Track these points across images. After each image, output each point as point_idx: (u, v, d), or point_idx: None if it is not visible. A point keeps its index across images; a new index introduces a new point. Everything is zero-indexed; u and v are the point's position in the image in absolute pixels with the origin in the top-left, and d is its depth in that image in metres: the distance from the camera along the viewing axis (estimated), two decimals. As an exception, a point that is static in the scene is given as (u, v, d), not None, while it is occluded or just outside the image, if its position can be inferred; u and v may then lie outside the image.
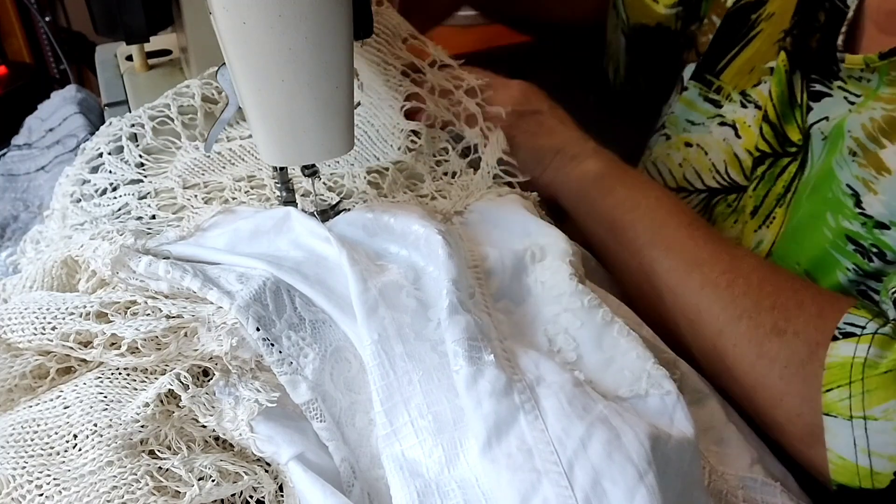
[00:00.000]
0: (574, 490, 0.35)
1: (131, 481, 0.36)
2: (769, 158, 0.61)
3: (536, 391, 0.39)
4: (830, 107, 0.56)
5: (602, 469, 0.35)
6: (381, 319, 0.41)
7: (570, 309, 0.45)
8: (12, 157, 0.83)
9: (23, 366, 0.41)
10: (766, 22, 0.66)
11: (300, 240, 0.47)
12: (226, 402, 0.40)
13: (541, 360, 0.41)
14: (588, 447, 0.36)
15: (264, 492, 0.38)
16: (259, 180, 0.60)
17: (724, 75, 0.69)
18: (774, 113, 0.61)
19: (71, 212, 0.57)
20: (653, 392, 0.41)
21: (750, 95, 0.65)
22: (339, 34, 0.45)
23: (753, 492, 0.43)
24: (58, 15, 1.65)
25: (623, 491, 0.35)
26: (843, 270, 0.50)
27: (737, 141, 0.65)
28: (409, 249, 0.47)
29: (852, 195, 0.50)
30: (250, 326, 0.40)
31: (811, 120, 0.58)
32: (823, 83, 0.58)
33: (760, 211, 0.60)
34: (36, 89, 1.42)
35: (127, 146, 0.63)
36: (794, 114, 0.59)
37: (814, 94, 0.58)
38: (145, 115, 0.65)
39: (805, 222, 0.54)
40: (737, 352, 0.48)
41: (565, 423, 0.37)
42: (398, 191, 0.59)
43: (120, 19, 0.71)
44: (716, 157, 0.67)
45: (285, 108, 0.47)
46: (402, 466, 0.38)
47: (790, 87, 0.60)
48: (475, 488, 0.36)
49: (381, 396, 0.39)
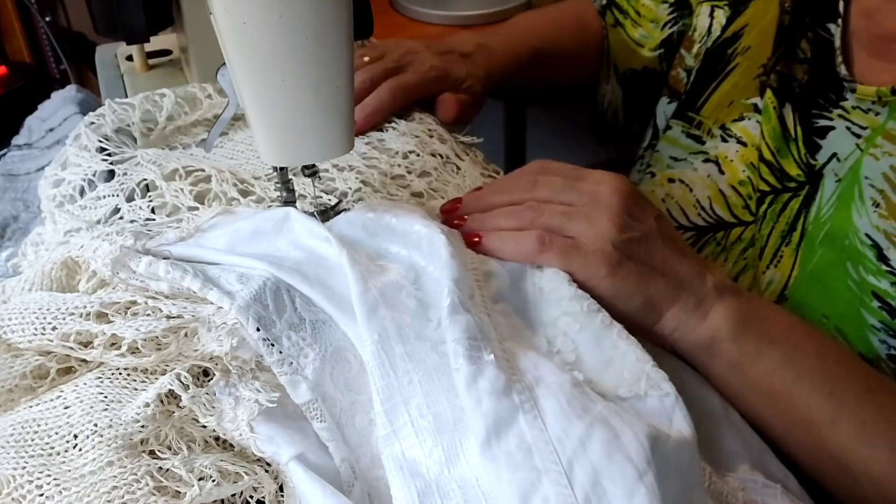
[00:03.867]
0: (574, 489, 0.35)
1: (131, 481, 0.36)
2: (769, 196, 0.60)
3: (535, 391, 0.39)
4: (836, 141, 0.55)
5: (602, 469, 0.35)
6: (381, 320, 0.41)
7: (570, 313, 0.45)
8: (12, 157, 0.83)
9: (23, 366, 0.41)
10: (742, 56, 0.66)
11: (300, 240, 0.47)
12: (226, 403, 0.40)
13: (540, 360, 0.41)
14: (587, 447, 0.36)
15: (264, 492, 0.38)
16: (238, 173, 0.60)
17: (704, 110, 0.68)
18: (769, 151, 0.60)
19: (59, 217, 0.57)
20: (652, 393, 0.41)
21: (730, 129, 0.65)
22: (339, 34, 0.45)
23: (754, 493, 0.43)
24: (58, 15, 1.65)
25: (623, 490, 0.35)
26: (872, 330, 0.49)
27: (721, 177, 0.64)
28: (409, 249, 0.47)
29: (872, 246, 0.50)
30: (250, 327, 0.40)
31: (822, 159, 0.56)
32: (822, 115, 0.56)
33: (766, 251, 0.59)
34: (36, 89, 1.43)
35: (84, 133, 0.63)
36: (790, 148, 0.58)
37: (818, 130, 0.56)
38: (109, 107, 0.66)
39: (823, 270, 0.53)
40: None
41: (564, 423, 0.37)
42: (389, 188, 0.59)
43: (120, 19, 0.71)
44: (700, 193, 0.66)
45: (285, 108, 0.47)
46: (403, 466, 0.38)
47: (782, 123, 0.59)
48: (475, 488, 0.36)
49: (381, 396, 0.39)
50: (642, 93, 0.84)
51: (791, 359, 0.46)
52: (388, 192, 0.59)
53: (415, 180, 0.62)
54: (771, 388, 0.46)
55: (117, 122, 0.65)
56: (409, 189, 0.61)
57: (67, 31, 1.65)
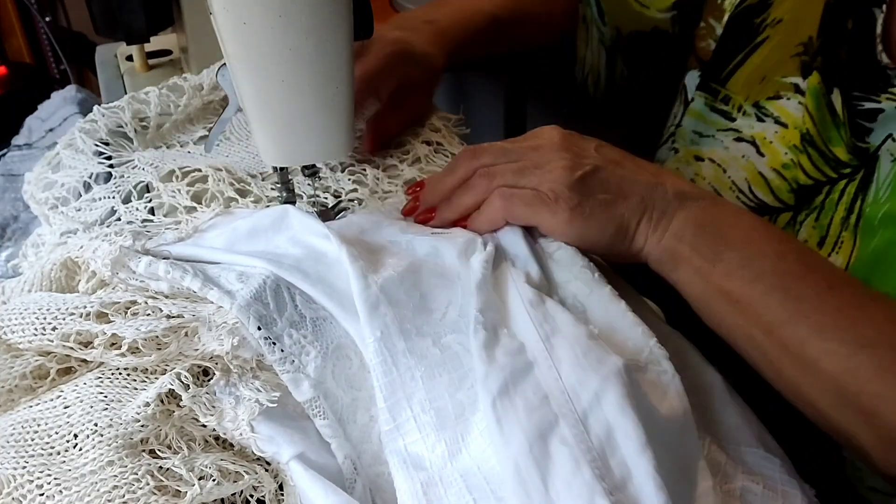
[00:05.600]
0: (590, 435, 0.36)
1: (132, 481, 0.36)
2: (825, 186, 0.58)
3: (552, 340, 0.40)
4: (889, 123, 0.54)
5: (616, 423, 0.37)
6: (382, 316, 0.41)
7: (581, 278, 0.47)
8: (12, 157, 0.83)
9: (23, 366, 0.41)
10: (773, 28, 0.64)
11: (299, 237, 0.47)
12: (226, 402, 0.40)
13: (557, 310, 0.43)
14: (602, 400, 0.37)
15: (264, 491, 0.38)
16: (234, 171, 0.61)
17: (732, 84, 0.66)
18: (819, 138, 0.58)
19: (53, 218, 0.57)
20: (651, 368, 0.42)
21: (766, 108, 0.63)
22: (339, 34, 0.45)
23: (753, 465, 0.43)
24: (58, 15, 1.65)
25: (635, 446, 0.36)
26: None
27: (760, 159, 0.63)
28: (409, 239, 0.48)
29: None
30: (251, 326, 0.40)
31: (875, 141, 0.55)
32: (870, 98, 0.55)
33: (828, 240, 0.57)
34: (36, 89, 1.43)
35: (80, 138, 0.63)
36: (840, 133, 0.57)
37: (866, 114, 0.56)
38: (98, 112, 0.66)
39: (884, 250, 0.52)
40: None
41: (581, 374, 0.38)
42: (382, 183, 0.59)
43: (120, 19, 0.71)
44: (736, 175, 0.64)
45: (285, 108, 0.47)
46: (406, 461, 0.38)
47: (830, 109, 0.58)
48: (477, 475, 0.37)
49: (383, 393, 0.39)
50: (651, 58, 0.79)
51: (750, 259, 0.46)
52: (382, 189, 0.60)
53: (406, 169, 0.62)
54: (731, 290, 0.46)
55: (110, 125, 0.65)
56: (402, 178, 0.61)
57: (67, 31, 1.66)
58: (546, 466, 0.35)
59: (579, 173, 0.49)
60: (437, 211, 0.53)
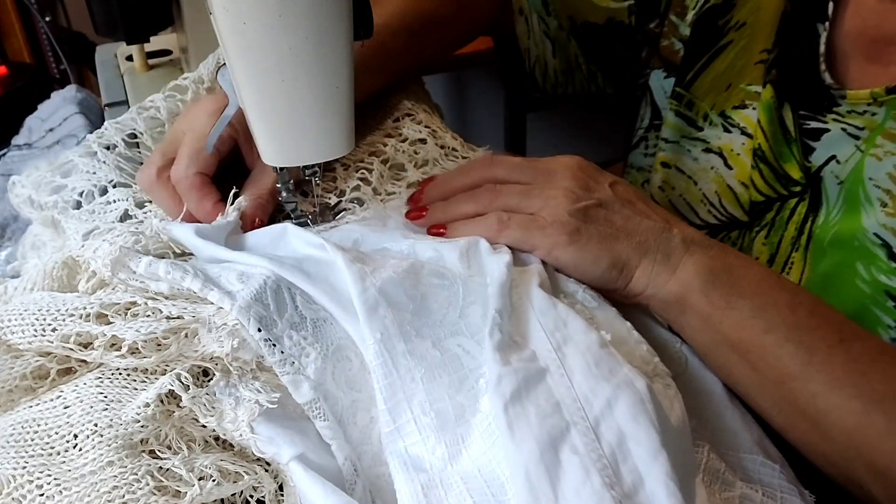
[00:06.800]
0: (601, 444, 0.36)
1: (132, 481, 0.36)
2: (776, 203, 0.58)
3: (563, 349, 0.40)
4: (834, 144, 0.54)
5: (628, 431, 0.37)
6: (381, 318, 0.41)
7: (589, 291, 0.48)
8: (12, 157, 0.83)
9: (23, 367, 0.41)
10: (737, 32, 0.62)
11: (299, 249, 0.48)
12: (226, 403, 0.40)
13: (570, 317, 0.42)
14: (614, 409, 0.38)
15: (264, 491, 0.38)
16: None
17: (695, 89, 0.65)
18: (771, 153, 0.58)
19: (67, 222, 0.57)
20: (657, 380, 0.42)
21: (732, 118, 0.62)
22: (339, 34, 0.45)
23: (752, 472, 0.43)
24: (58, 15, 1.65)
25: (647, 452, 0.36)
26: (884, 328, 0.49)
27: (728, 172, 0.62)
28: (412, 243, 0.48)
29: (882, 245, 0.49)
30: (252, 327, 0.40)
31: (817, 161, 0.55)
32: (816, 118, 0.55)
33: (777, 258, 0.58)
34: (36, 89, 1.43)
35: (101, 152, 0.62)
36: (792, 150, 0.57)
37: (811, 132, 0.55)
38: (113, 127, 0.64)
39: (834, 272, 0.52)
40: None
41: (592, 383, 0.38)
42: (386, 183, 0.59)
43: (120, 19, 0.71)
44: (706, 187, 0.64)
45: (285, 108, 0.47)
46: (406, 462, 0.38)
47: (781, 123, 0.57)
48: (477, 478, 0.37)
49: (384, 395, 0.39)
50: (605, 49, 0.76)
51: (761, 310, 0.45)
52: (385, 189, 0.59)
53: (412, 171, 0.62)
54: (741, 339, 0.45)
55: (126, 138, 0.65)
56: (406, 180, 0.61)
57: (67, 31, 1.66)
58: (556, 474, 0.35)
59: (583, 204, 0.49)
60: (431, 209, 0.53)
